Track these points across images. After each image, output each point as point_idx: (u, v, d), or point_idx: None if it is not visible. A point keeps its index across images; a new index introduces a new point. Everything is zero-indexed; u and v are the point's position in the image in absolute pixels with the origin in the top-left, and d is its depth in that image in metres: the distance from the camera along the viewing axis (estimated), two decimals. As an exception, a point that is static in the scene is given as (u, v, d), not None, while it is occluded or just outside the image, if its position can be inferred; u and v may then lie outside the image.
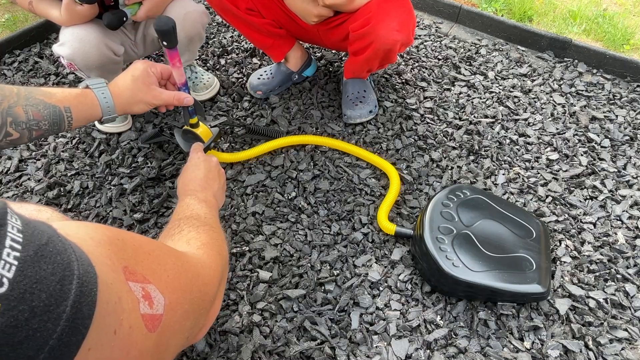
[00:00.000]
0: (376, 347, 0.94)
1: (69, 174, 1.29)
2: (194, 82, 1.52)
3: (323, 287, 1.04)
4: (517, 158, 1.37)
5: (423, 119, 1.49)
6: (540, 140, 1.43)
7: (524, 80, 1.67)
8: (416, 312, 1.00)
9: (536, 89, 1.63)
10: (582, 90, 1.62)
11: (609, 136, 1.44)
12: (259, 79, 1.55)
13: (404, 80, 1.64)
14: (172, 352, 0.50)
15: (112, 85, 0.92)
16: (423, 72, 1.68)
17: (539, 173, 1.32)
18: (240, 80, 1.63)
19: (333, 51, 1.76)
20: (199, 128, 1.12)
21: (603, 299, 1.03)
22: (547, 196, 1.26)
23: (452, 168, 1.33)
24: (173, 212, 0.81)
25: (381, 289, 1.04)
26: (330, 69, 1.69)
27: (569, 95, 1.61)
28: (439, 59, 1.76)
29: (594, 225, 1.19)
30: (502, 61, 1.75)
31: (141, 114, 1.29)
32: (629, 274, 1.08)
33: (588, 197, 1.26)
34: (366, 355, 0.93)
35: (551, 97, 1.60)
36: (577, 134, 1.46)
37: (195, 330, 0.57)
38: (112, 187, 1.25)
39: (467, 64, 1.74)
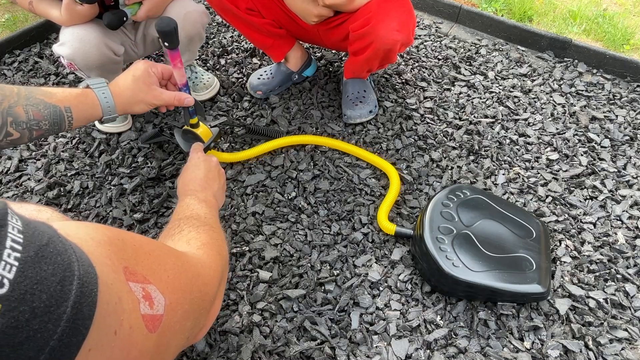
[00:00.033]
0: (376, 347, 0.94)
1: (69, 174, 1.29)
2: (194, 82, 1.52)
3: (323, 287, 1.04)
4: (517, 158, 1.37)
5: (423, 119, 1.49)
6: (540, 140, 1.43)
7: (524, 80, 1.67)
8: (416, 312, 1.00)
9: (536, 89, 1.63)
10: (582, 90, 1.62)
11: (609, 136, 1.44)
12: (259, 79, 1.55)
13: (404, 80, 1.64)
14: (172, 353, 0.50)
15: (112, 85, 0.92)
16: (423, 72, 1.68)
17: (539, 173, 1.32)
18: (240, 80, 1.63)
19: (333, 51, 1.76)
20: (199, 128, 1.12)
21: (603, 299, 1.03)
22: (547, 196, 1.26)
23: (452, 168, 1.33)
24: (173, 212, 0.81)
25: (381, 289, 1.04)
26: (330, 69, 1.69)
27: (569, 95, 1.61)
28: (439, 59, 1.76)
29: (594, 225, 1.19)
30: (502, 61, 1.75)
31: (141, 114, 1.29)
32: (629, 274, 1.08)
33: (588, 197, 1.26)
34: (366, 355, 0.93)
35: (551, 97, 1.60)
36: (577, 134, 1.46)
37: (195, 330, 0.57)
38: (112, 187, 1.25)
39: (467, 64, 1.74)
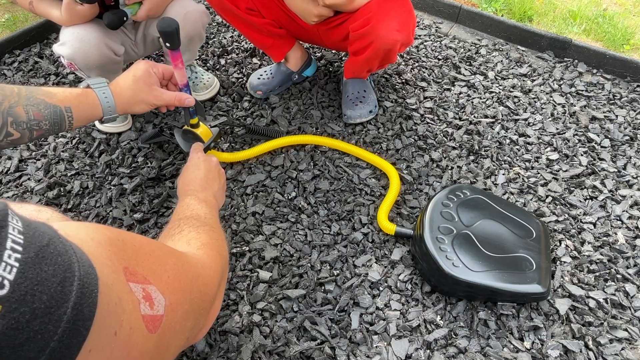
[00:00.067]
0: (376, 347, 0.94)
1: (69, 174, 1.29)
2: (194, 82, 1.52)
3: (323, 287, 1.04)
4: (517, 158, 1.37)
5: (423, 119, 1.49)
6: (540, 140, 1.43)
7: (524, 80, 1.67)
8: (416, 312, 1.00)
9: (536, 89, 1.63)
10: (582, 90, 1.62)
11: (609, 136, 1.44)
12: (259, 79, 1.55)
13: (404, 80, 1.64)
14: (172, 353, 0.50)
15: (113, 85, 0.92)
16: (423, 72, 1.68)
17: (539, 173, 1.32)
18: (240, 80, 1.63)
19: (333, 51, 1.76)
20: (199, 128, 1.12)
21: (603, 299, 1.03)
22: (547, 196, 1.26)
23: (452, 168, 1.33)
24: (173, 212, 0.81)
25: (381, 289, 1.04)
26: (330, 69, 1.69)
27: (569, 95, 1.61)
28: (439, 59, 1.76)
29: (594, 225, 1.19)
30: (502, 61, 1.75)
31: (141, 114, 1.29)
32: (629, 274, 1.08)
33: (588, 197, 1.26)
34: (366, 355, 0.93)
35: (551, 97, 1.60)
36: (577, 134, 1.46)
37: (195, 330, 0.57)
38: (112, 187, 1.25)
39: (467, 64, 1.74)
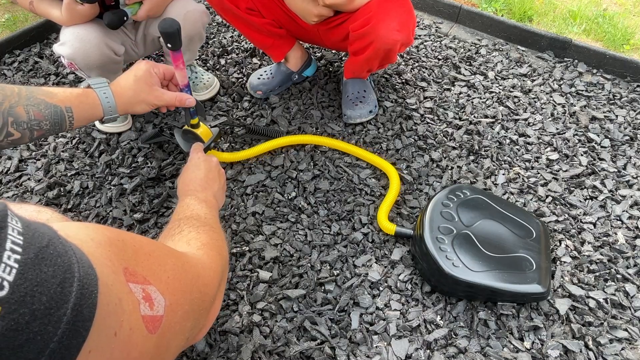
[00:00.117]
0: (376, 347, 0.94)
1: (69, 174, 1.29)
2: (194, 82, 1.52)
3: (323, 287, 1.04)
4: (517, 158, 1.37)
5: (423, 119, 1.49)
6: (540, 140, 1.43)
7: (524, 80, 1.67)
8: (416, 312, 1.00)
9: (536, 89, 1.63)
10: (582, 90, 1.62)
11: (609, 136, 1.44)
12: (259, 79, 1.55)
13: (404, 80, 1.64)
14: (172, 353, 0.50)
15: (114, 85, 0.92)
16: (423, 72, 1.68)
17: (539, 173, 1.32)
18: (240, 80, 1.63)
19: (333, 51, 1.76)
20: (199, 128, 1.12)
21: (603, 299, 1.03)
22: (547, 196, 1.26)
23: (452, 168, 1.33)
24: (173, 213, 0.81)
25: (381, 289, 1.04)
26: (330, 69, 1.68)
27: (569, 95, 1.61)
28: (439, 59, 1.76)
29: (594, 225, 1.19)
30: (502, 61, 1.75)
31: (142, 114, 1.29)
32: (629, 274, 1.08)
33: (588, 197, 1.26)
34: (366, 355, 0.93)
35: (551, 97, 1.60)
36: (577, 134, 1.46)
37: (195, 330, 0.57)
38: (112, 187, 1.25)
39: (467, 64, 1.74)
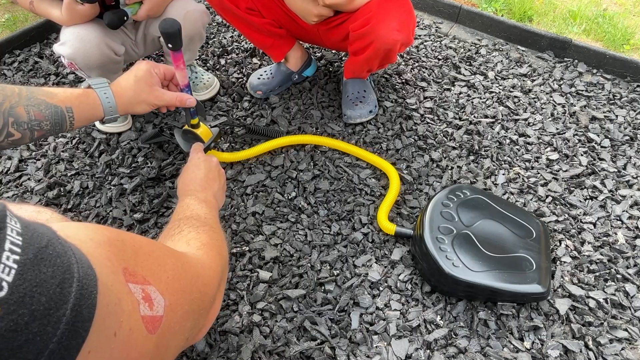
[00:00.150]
0: (376, 347, 0.94)
1: (69, 174, 1.29)
2: (194, 82, 1.52)
3: (323, 287, 1.04)
4: (517, 158, 1.37)
5: (423, 119, 1.49)
6: (540, 140, 1.43)
7: (524, 80, 1.67)
8: (416, 312, 1.00)
9: (536, 89, 1.63)
10: (582, 90, 1.62)
11: (609, 136, 1.44)
12: (259, 79, 1.55)
13: (404, 80, 1.64)
14: (172, 354, 0.50)
15: (114, 85, 0.91)
16: (423, 72, 1.68)
17: (539, 173, 1.32)
18: (240, 80, 1.63)
19: (333, 51, 1.76)
20: (200, 128, 1.12)
21: (603, 299, 1.03)
22: (547, 196, 1.26)
23: (452, 168, 1.33)
24: (173, 213, 0.81)
25: (381, 289, 1.04)
26: (330, 69, 1.68)
27: (569, 95, 1.61)
28: (439, 59, 1.76)
29: (594, 225, 1.19)
30: (502, 61, 1.75)
31: (142, 114, 1.29)
32: (629, 274, 1.08)
33: (588, 197, 1.26)
34: (366, 355, 0.93)
35: (551, 97, 1.60)
36: (577, 134, 1.45)
37: (195, 330, 0.57)
38: (112, 187, 1.25)
39: (467, 64, 1.74)
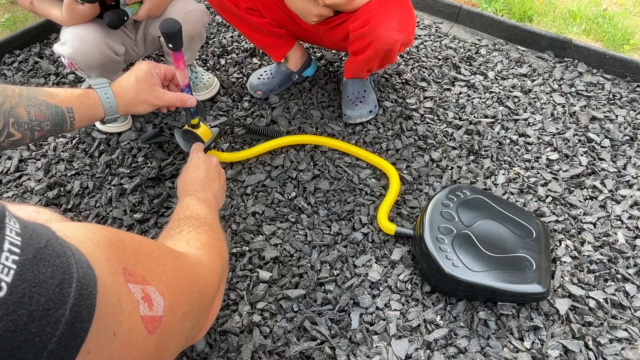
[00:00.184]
0: (376, 347, 0.94)
1: (69, 174, 1.29)
2: (194, 82, 1.52)
3: (323, 287, 1.04)
4: (517, 158, 1.37)
5: (423, 119, 1.49)
6: (540, 140, 1.43)
7: (524, 80, 1.67)
8: (416, 312, 1.00)
9: (536, 89, 1.63)
10: (582, 90, 1.62)
11: (609, 136, 1.44)
12: (259, 79, 1.55)
13: (404, 80, 1.64)
14: (172, 354, 0.50)
15: (115, 85, 0.91)
16: (423, 72, 1.68)
17: (539, 173, 1.32)
18: (240, 80, 1.63)
19: (333, 51, 1.76)
20: (200, 128, 1.12)
21: (603, 299, 1.03)
22: (547, 196, 1.26)
23: (452, 168, 1.33)
24: (173, 213, 0.81)
25: (381, 289, 1.04)
26: (330, 69, 1.68)
27: (569, 95, 1.61)
28: (439, 59, 1.75)
29: (594, 225, 1.19)
30: (502, 61, 1.75)
31: (142, 114, 1.29)
32: (629, 274, 1.08)
33: (588, 197, 1.26)
34: (366, 355, 0.93)
35: (551, 97, 1.60)
36: (577, 134, 1.45)
37: (195, 330, 0.57)
38: (112, 187, 1.25)
39: (467, 64, 1.74)
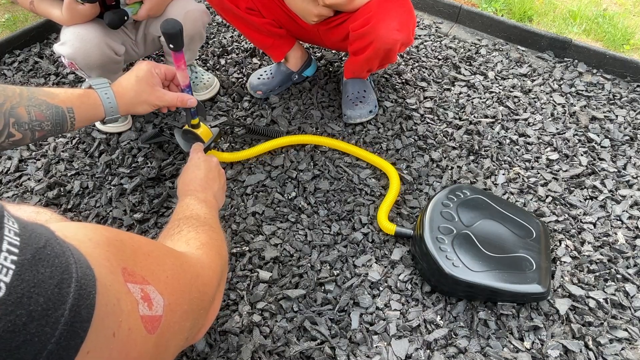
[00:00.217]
0: (376, 347, 0.94)
1: (69, 174, 1.29)
2: (194, 82, 1.52)
3: (323, 287, 1.04)
4: (517, 158, 1.37)
5: (423, 119, 1.49)
6: (540, 140, 1.43)
7: (524, 80, 1.67)
8: (416, 312, 1.00)
9: (536, 89, 1.63)
10: (582, 90, 1.62)
11: (609, 136, 1.44)
12: (259, 79, 1.55)
13: (404, 80, 1.64)
14: (171, 353, 0.50)
15: (115, 85, 0.91)
16: (423, 72, 1.68)
17: (539, 173, 1.32)
18: (240, 80, 1.63)
19: (333, 51, 1.76)
20: (200, 128, 1.12)
21: (603, 299, 1.03)
22: (547, 196, 1.26)
23: (452, 168, 1.33)
24: (173, 212, 0.81)
25: (381, 289, 1.04)
26: (330, 69, 1.68)
27: (569, 95, 1.61)
28: (439, 59, 1.75)
29: (594, 225, 1.19)
30: (502, 61, 1.75)
31: (143, 114, 1.29)
32: (629, 274, 1.08)
33: (588, 197, 1.26)
34: (366, 355, 0.93)
35: (551, 97, 1.60)
36: (577, 134, 1.45)
37: (194, 330, 0.57)
38: (112, 187, 1.25)
39: (467, 64, 1.73)
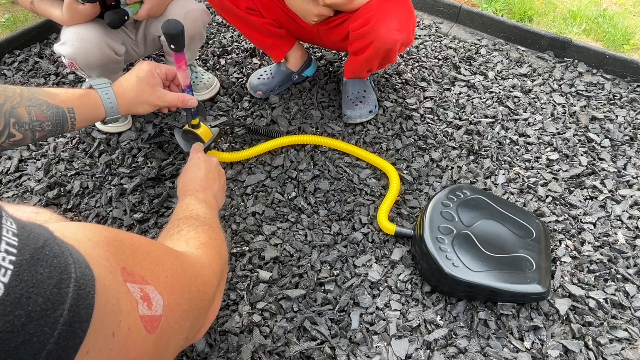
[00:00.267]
0: (376, 347, 0.94)
1: (69, 174, 1.29)
2: (194, 82, 1.52)
3: (323, 287, 1.04)
4: (517, 158, 1.37)
5: (423, 119, 1.49)
6: (540, 140, 1.43)
7: (524, 80, 1.67)
8: (416, 312, 1.00)
9: (536, 89, 1.63)
10: (582, 90, 1.62)
11: (609, 136, 1.44)
12: (259, 79, 1.55)
13: (404, 80, 1.64)
14: (171, 353, 0.50)
15: (116, 85, 0.91)
16: (423, 72, 1.68)
17: (539, 173, 1.32)
18: (240, 80, 1.63)
19: (333, 51, 1.76)
20: (200, 128, 1.12)
21: (603, 299, 1.03)
22: (547, 196, 1.26)
23: (452, 168, 1.33)
24: (173, 212, 0.81)
25: (381, 289, 1.04)
26: (330, 69, 1.68)
27: (569, 95, 1.61)
28: (439, 59, 1.75)
29: (594, 225, 1.19)
30: (502, 61, 1.75)
31: (143, 114, 1.29)
32: (629, 274, 1.07)
33: (588, 197, 1.26)
34: (366, 355, 0.93)
35: (551, 97, 1.60)
36: (577, 134, 1.45)
37: (194, 330, 0.57)
38: (112, 187, 1.25)
39: (467, 64, 1.73)
